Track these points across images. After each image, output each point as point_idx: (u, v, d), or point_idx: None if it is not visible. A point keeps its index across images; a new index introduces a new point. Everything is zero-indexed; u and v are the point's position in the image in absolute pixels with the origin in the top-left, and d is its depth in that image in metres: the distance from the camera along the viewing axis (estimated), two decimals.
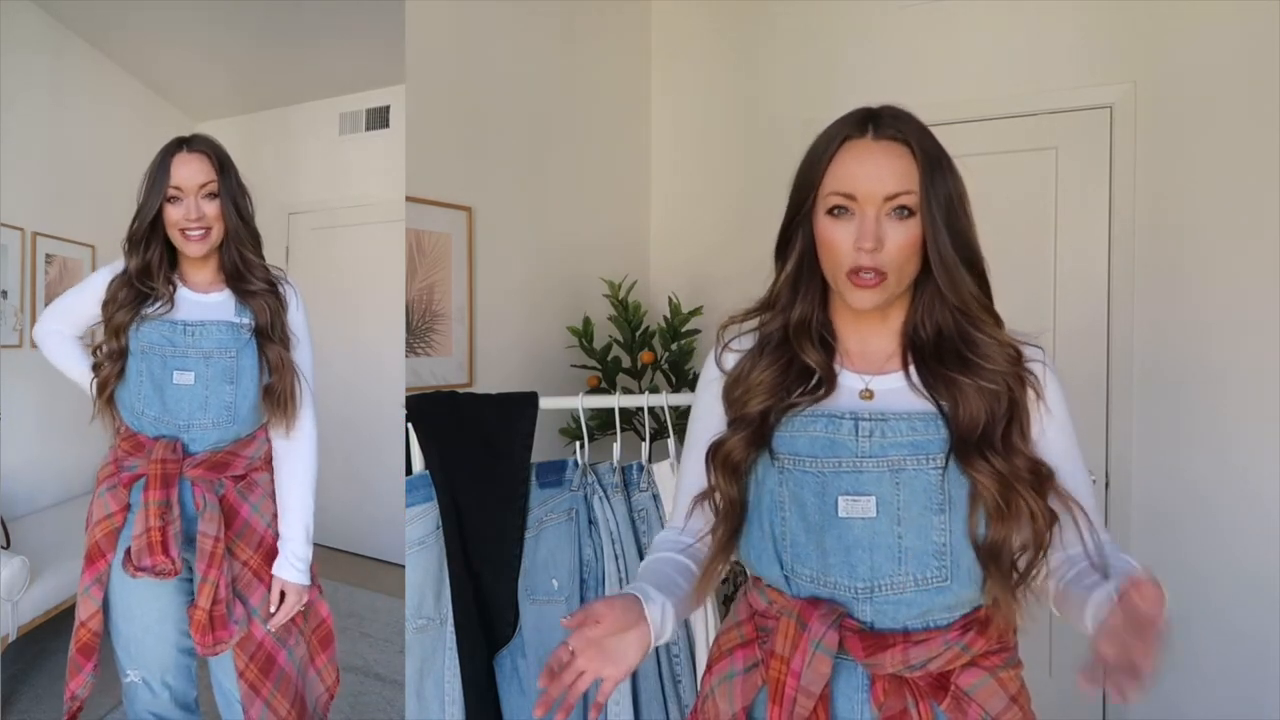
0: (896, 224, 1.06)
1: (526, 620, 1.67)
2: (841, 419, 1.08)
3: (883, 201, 1.05)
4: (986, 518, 1.04)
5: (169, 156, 1.63)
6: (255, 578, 1.68)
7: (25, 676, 2.64)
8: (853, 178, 1.06)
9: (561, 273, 2.84)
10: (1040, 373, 1.11)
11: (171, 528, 1.57)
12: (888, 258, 1.05)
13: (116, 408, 1.68)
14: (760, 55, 3.12)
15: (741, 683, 1.12)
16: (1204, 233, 2.47)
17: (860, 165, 1.06)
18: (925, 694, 1.05)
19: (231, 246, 1.70)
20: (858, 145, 1.08)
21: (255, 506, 1.71)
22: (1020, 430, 1.07)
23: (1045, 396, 1.10)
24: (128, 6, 3.04)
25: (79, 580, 1.65)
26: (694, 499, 1.19)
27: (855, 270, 1.06)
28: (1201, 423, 2.49)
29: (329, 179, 4.00)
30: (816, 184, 1.09)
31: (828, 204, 1.08)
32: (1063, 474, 1.08)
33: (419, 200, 2.36)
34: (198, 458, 1.64)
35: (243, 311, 1.71)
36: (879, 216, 1.05)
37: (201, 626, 1.58)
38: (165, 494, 1.58)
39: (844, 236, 1.06)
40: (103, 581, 1.63)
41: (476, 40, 2.54)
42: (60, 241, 2.97)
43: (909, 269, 1.08)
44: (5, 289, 2.75)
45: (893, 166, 1.06)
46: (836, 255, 1.07)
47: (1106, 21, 2.58)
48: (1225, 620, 2.45)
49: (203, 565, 1.59)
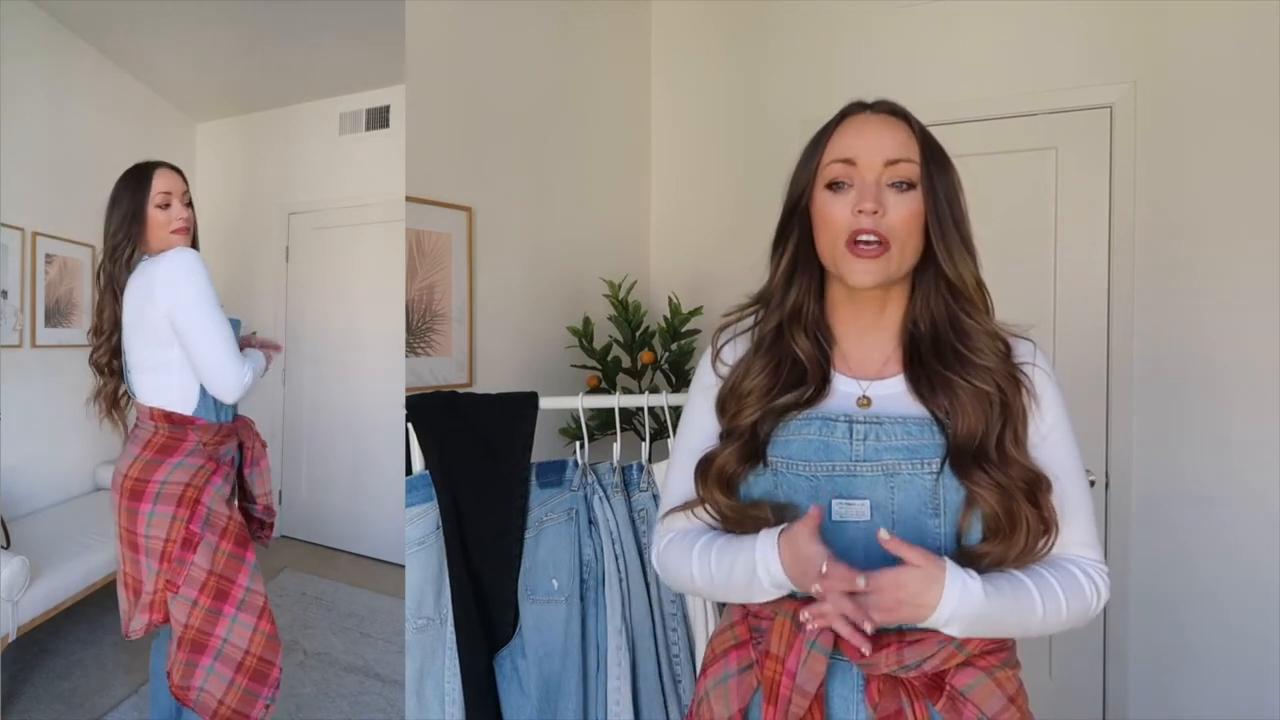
0: (897, 195, 1.06)
1: (526, 620, 1.67)
2: (835, 422, 1.08)
3: (883, 167, 1.06)
4: (984, 529, 1.04)
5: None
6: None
7: (25, 676, 2.64)
8: (852, 145, 1.07)
9: (561, 273, 2.83)
10: (1032, 374, 1.10)
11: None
12: (890, 226, 1.05)
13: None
14: (760, 55, 3.12)
15: (737, 684, 1.11)
16: (1204, 233, 2.47)
17: (859, 134, 1.08)
18: (920, 694, 1.04)
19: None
20: (856, 118, 1.10)
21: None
22: (1015, 437, 1.06)
23: (1039, 399, 1.09)
24: (128, 7, 3.04)
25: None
26: (684, 505, 1.18)
27: (855, 238, 1.05)
28: (1201, 422, 2.49)
29: (329, 179, 4.00)
30: (815, 163, 1.09)
31: (827, 177, 1.08)
32: (1059, 482, 1.07)
33: (419, 200, 2.36)
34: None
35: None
36: (879, 182, 1.05)
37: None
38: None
39: (842, 208, 1.06)
40: None
41: (476, 40, 2.54)
42: (60, 241, 2.97)
43: (911, 245, 1.07)
44: (5, 289, 2.75)
45: (893, 134, 1.07)
46: (835, 227, 1.06)
47: (1106, 21, 2.58)
48: (1225, 618, 2.45)
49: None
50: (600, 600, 1.65)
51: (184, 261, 1.74)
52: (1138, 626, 2.55)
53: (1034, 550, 1.04)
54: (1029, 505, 1.03)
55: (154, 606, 1.78)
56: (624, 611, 1.63)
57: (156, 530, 1.75)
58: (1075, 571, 1.08)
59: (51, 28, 3.10)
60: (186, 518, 1.76)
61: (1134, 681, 2.57)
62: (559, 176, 2.85)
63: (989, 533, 1.04)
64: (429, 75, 2.36)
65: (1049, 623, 1.05)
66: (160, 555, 1.76)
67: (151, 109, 3.71)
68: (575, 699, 1.63)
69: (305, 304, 4.12)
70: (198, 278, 1.73)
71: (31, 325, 2.85)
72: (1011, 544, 1.03)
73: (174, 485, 1.76)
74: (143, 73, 3.57)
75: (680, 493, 1.20)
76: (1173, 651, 2.52)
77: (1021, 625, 1.04)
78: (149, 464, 1.77)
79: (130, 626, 1.82)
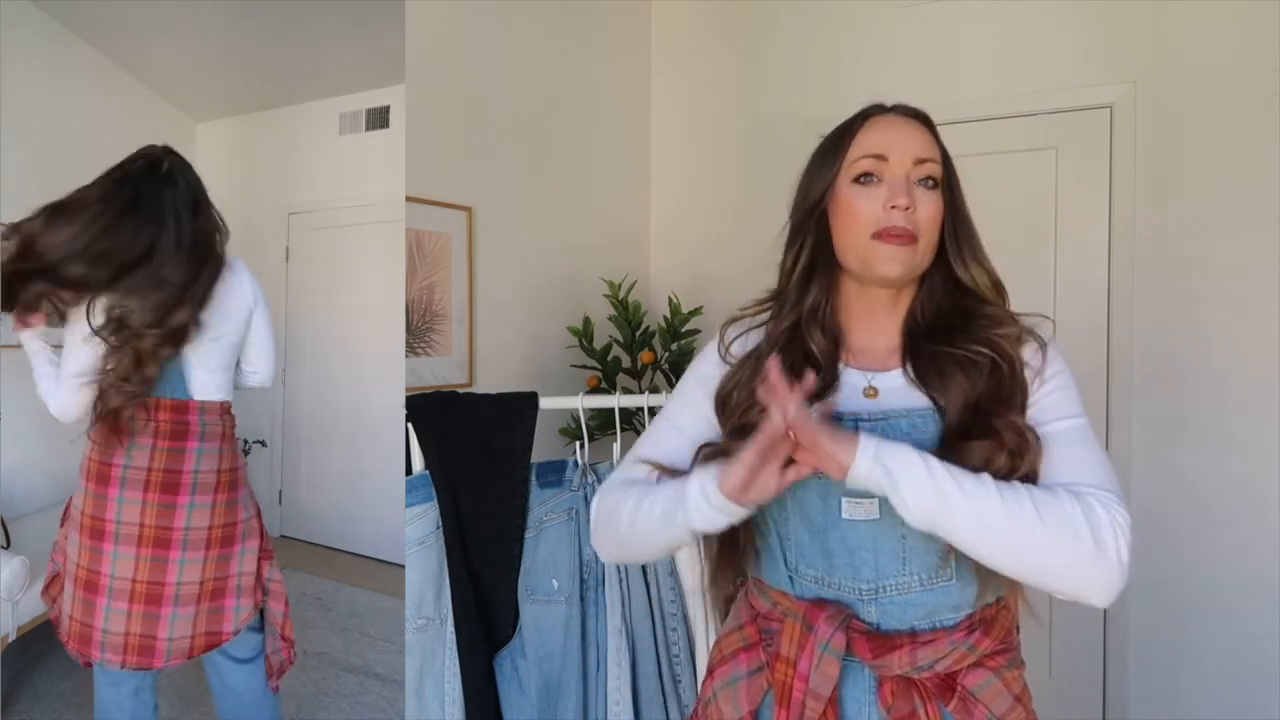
0: (925, 193, 1.07)
1: (526, 620, 1.67)
2: (843, 421, 1.08)
3: (913, 164, 1.06)
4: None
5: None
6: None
7: (25, 676, 2.64)
8: (882, 141, 1.08)
9: (561, 273, 2.83)
10: (1040, 351, 1.08)
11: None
12: (919, 221, 1.05)
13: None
14: (760, 56, 3.12)
15: (746, 686, 1.11)
16: (1204, 233, 2.47)
17: (889, 131, 1.09)
18: (932, 695, 1.04)
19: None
20: (882, 118, 1.11)
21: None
22: (1007, 404, 1.03)
23: (1045, 375, 1.07)
24: (128, 7, 3.04)
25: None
26: (657, 465, 1.13)
27: (885, 230, 1.04)
28: (1201, 422, 2.49)
29: (329, 179, 4.00)
30: (839, 162, 1.09)
31: (855, 171, 1.08)
32: (1069, 457, 1.02)
33: (419, 200, 2.36)
34: None
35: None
36: (909, 179, 1.06)
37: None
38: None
39: (872, 202, 1.06)
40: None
41: (476, 40, 2.54)
42: None
43: (933, 243, 1.08)
44: None
45: (920, 135, 1.09)
46: (862, 222, 1.06)
47: (1106, 21, 2.58)
48: (1226, 619, 2.45)
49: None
50: (600, 600, 1.65)
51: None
52: (1138, 626, 2.56)
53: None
54: (1010, 461, 0.99)
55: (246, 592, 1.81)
56: (624, 611, 1.63)
57: (198, 521, 1.74)
58: (1057, 490, 0.97)
59: (51, 28, 3.10)
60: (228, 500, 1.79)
61: (1134, 681, 2.57)
62: (559, 176, 2.85)
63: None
64: (429, 75, 2.36)
65: (1021, 525, 0.92)
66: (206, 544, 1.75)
67: (151, 109, 3.71)
68: (575, 699, 1.63)
69: (305, 304, 4.12)
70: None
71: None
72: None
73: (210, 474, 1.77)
74: (143, 73, 3.58)
75: (646, 455, 1.16)
76: (1173, 651, 2.52)
77: (982, 518, 0.92)
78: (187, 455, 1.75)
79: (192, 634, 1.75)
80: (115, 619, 1.69)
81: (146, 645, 1.70)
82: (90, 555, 1.70)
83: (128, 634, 1.69)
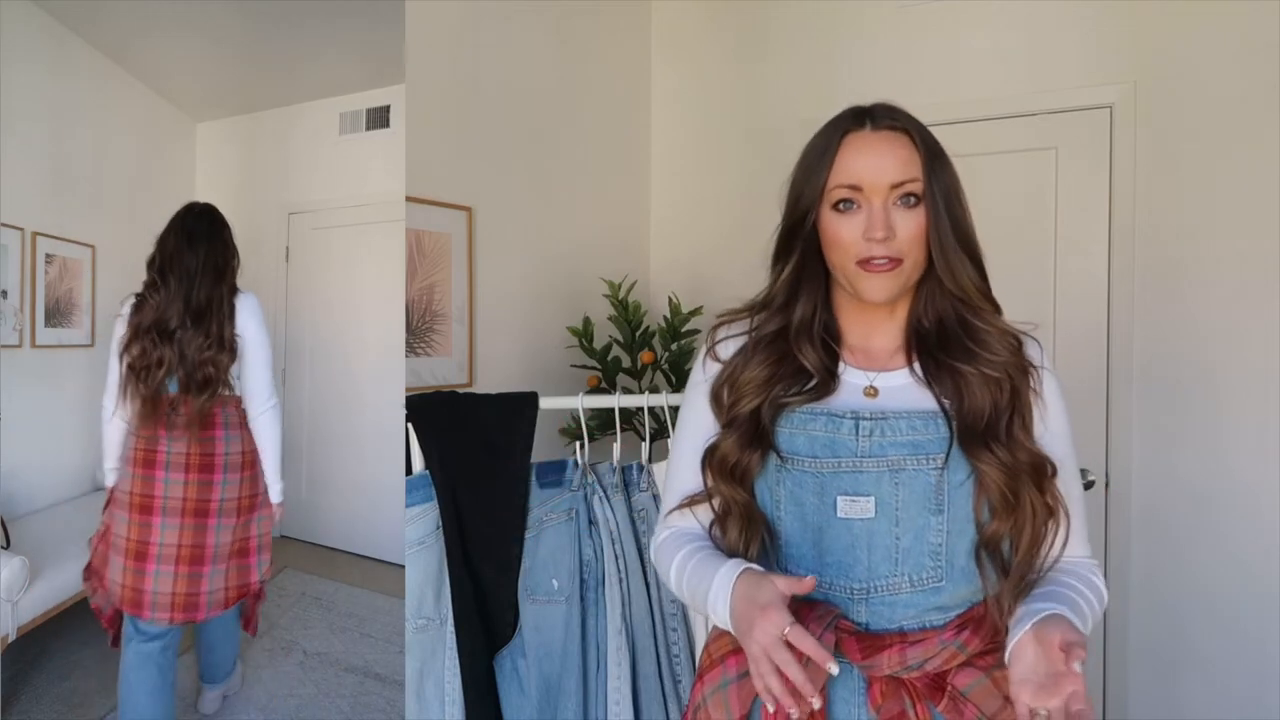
0: (905, 212, 1.05)
1: (526, 620, 1.67)
2: (842, 418, 1.08)
3: (889, 190, 1.05)
4: (990, 510, 1.04)
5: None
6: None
7: (25, 676, 2.64)
8: (857, 169, 1.05)
9: (561, 273, 2.83)
10: (1041, 375, 1.11)
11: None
12: (899, 246, 1.05)
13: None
14: (760, 55, 3.12)
15: (736, 690, 1.10)
16: (1204, 233, 2.47)
17: (863, 156, 1.06)
18: (922, 695, 1.04)
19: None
20: (858, 138, 1.07)
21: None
22: (1023, 423, 1.07)
23: (1044, 396, 1.10)
24: (128, 6, 3.04)
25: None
26: (687, 499, 1.18)
27: (867, 259, 1.05)
28: (1201, 422, 2.48)
29: (329, 179, 4.00)
30: (820, 182, 1.08)
31: (833, 199, 1.07)
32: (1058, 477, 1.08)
33: (419, 200, 2.35)
34: None
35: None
36: (886, 205, 1.05)
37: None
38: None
39: (852, 230, 1.05)
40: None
41: (476, 40, 2.54)
42: (60, 241, 2.97)
43: (921, 256, 1.07)
44: (5, 289, 2.75)
45: (896, 154, 1.06)
46: (846, 249, 1.06)
47: (1106, 21, 2.58)
48: (1225, 619, 2.45)
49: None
50: (600, 600, 1.65)
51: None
52: (1138, 627, 2.56)
53: (1043, 536, 1.05)
54: (1034, 489, 1.04)
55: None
56: (624, 611, 1.63)
57: (230, 493, 2.20)
58: (1092, 586, 1.10)
59: (51, 28, 3.10)
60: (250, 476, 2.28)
61: (1134, 681, 2.57)
62: (559, 176, 2.85)
63: (995, 514, 1.04)
64: (429, 75, 2.36)
65: (1091, 625, 1.05)
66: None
67: (151, 109, 3.71)
68: (575, 699, 1.63)
69: (305, 304, 4.12)
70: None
71: (31, 325, 2.85)
72: (1019, 524, 1.03)
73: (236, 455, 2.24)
74: (143, 73, 3.57)
75: (679, 489, 1.20)
76: (1173, 652, 2.52)
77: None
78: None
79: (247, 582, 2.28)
80: (163, 580, 2.09)
81: (191, 601, 2.11)
82: (139, 529, 2.10)
83: (174, 594, 2.09)
